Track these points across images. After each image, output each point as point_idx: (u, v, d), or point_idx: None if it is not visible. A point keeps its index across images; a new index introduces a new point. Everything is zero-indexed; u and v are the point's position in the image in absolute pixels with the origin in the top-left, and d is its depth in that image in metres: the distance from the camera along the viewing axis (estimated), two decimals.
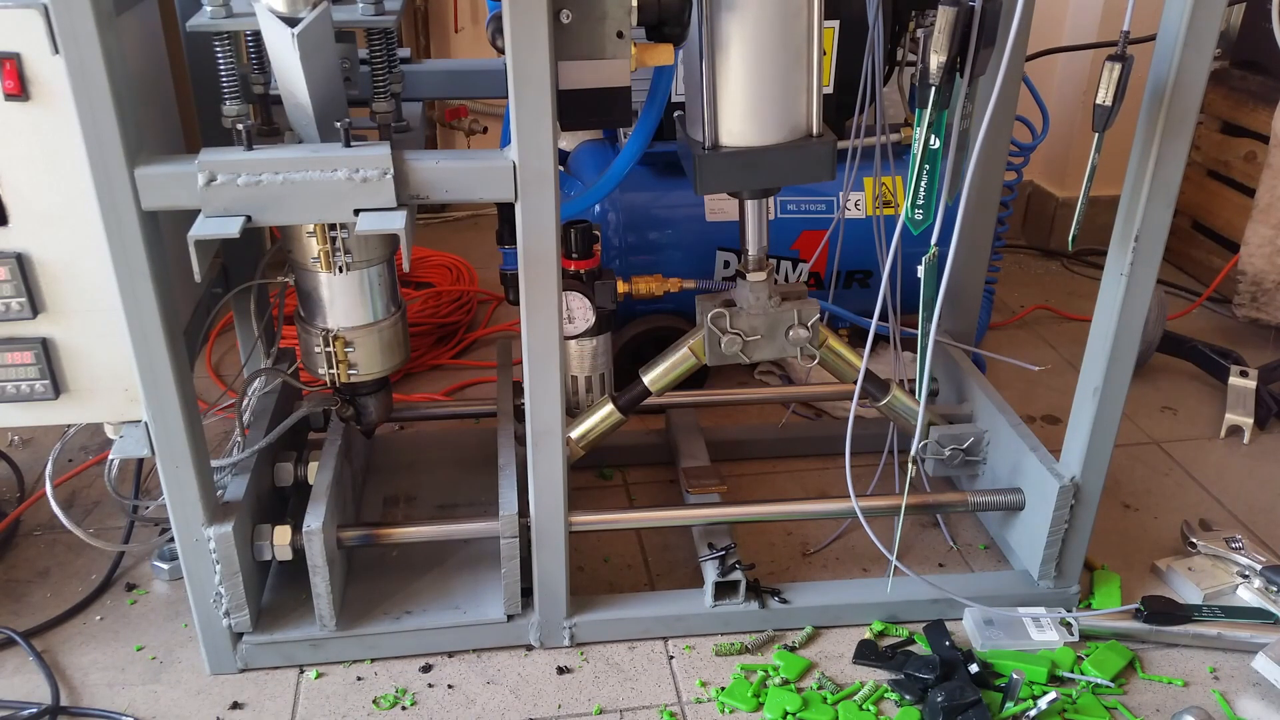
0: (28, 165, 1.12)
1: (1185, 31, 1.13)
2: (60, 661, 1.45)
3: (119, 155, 1.09)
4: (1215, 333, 2.45)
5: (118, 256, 1.14)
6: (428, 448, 1.86)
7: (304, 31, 1.13)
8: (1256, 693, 1.43)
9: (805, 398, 2.05)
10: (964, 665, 1.41)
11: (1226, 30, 2.63)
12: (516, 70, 1.12)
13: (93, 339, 1.21)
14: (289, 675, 1.43)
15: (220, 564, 1.33)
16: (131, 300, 1.16)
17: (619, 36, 1.18)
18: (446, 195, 1.18)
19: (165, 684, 1.42)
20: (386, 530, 1.47)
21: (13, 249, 1.15)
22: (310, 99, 1.19)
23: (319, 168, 1.14)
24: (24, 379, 1.22)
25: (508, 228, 1.28)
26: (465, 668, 1.45)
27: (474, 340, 2.41)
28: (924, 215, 1.21)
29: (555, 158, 1.17)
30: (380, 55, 1.33)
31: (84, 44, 1.03)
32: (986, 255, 1.83)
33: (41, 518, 1.74)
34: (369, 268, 1.36)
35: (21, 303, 1.17)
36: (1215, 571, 1.62)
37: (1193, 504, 1.84)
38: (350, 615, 1.46)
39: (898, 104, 2.09)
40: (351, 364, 1.41)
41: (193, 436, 1.26)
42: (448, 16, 2.99)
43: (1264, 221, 2.27)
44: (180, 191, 1.13)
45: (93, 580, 1.60)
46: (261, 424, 1.54)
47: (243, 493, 1.38)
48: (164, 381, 1.21)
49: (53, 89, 1.08)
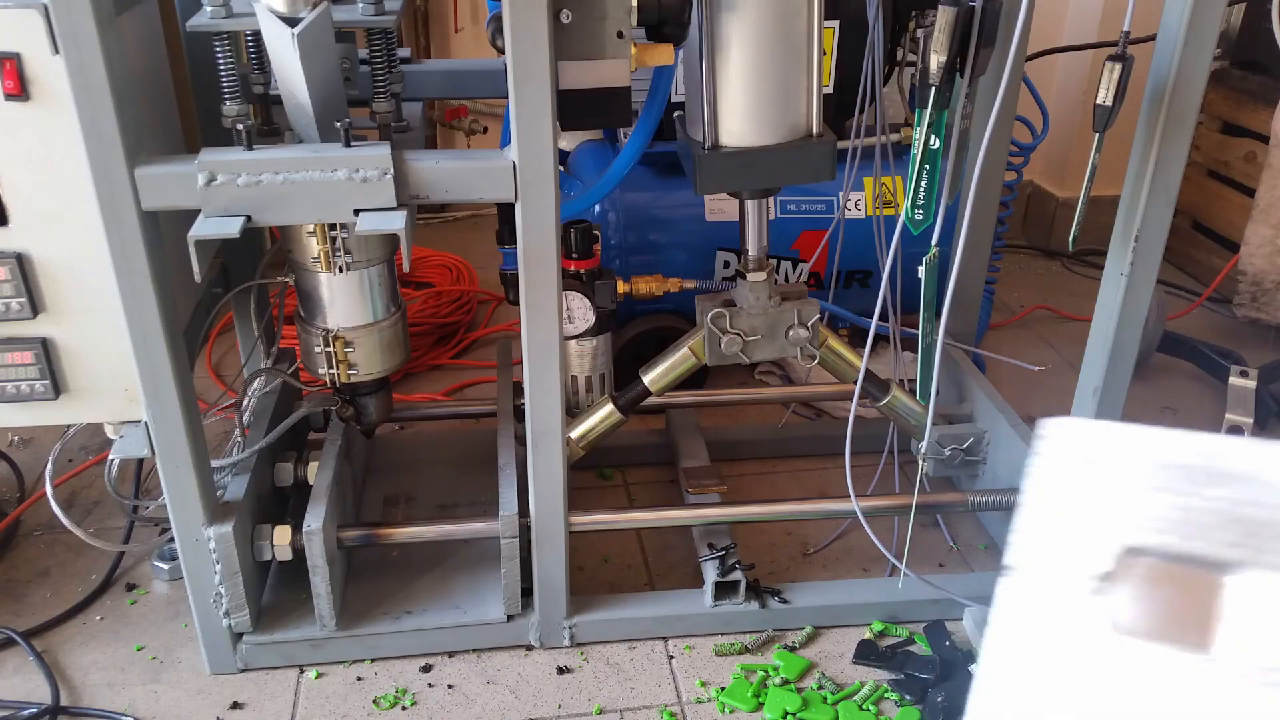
0: (28, 165, 1.12)
1: (1185, 31, 1.13)
2: (60, 661, 1.45)
3: (119, 155, 1.09)
4: (1215, 333, 2.45)
5: (118, 256, 1.14)
6: (428, 448, 1.86)
7: (304, 31, 1.13)
8: None
9: (805, 398, 2.05)
10: (964, 665, 1.41)
11: (1226, 30, 2.62)
12: (516, 70, 1.12)
13: (93, 339, 1.21)
14: (289, 675, 1.43)
15: (220, 564, 1.33)
16: (131, 300, 1.16)
17: (619, 36, 1.18)
18: (446, 195, 1.18)
19: (165, 684, 1.42)
20: (386, 530, 1.47)
21: (13, 249, 1.15)
22: (310, 99, 1.19)
23: (319, 168, 1.14)
24: (24, 379, 1.21)
25: (508, 228, 1.28)
26: (465, 668, 1.45)
27: (474, 340, 2.41)
28: (924, 215, 1.21)
29: (555, 158, 1.17)
30: (380, 55, 1.33)
31: (84, 44, 1.03)
32: (986, 255, 1.83)
33: (42, 518, 1.74)
34: (369, 268, 1.36)
35: (21, 303, 1.17)
36: None
37: None
38: (350, 615, 1.45)
39: (898, 104, 2.09)
40: (351, 364, 1.41)
41: (193, 436, 1.26)
42: (448, 16, 2.99)
43: (1264, 221, 2.27)
44: (180, 191, 1.13)
45: (93, 580, 1.60)
46: (261, 424, 1.54)
47: (243, 493, 1.38)
48: (164, 381, 1.21)
49: (53, 89, 1.08)
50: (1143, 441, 0.36)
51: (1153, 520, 0.34)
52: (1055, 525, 0.35)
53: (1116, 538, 0.34)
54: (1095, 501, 0.35)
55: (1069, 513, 0.35)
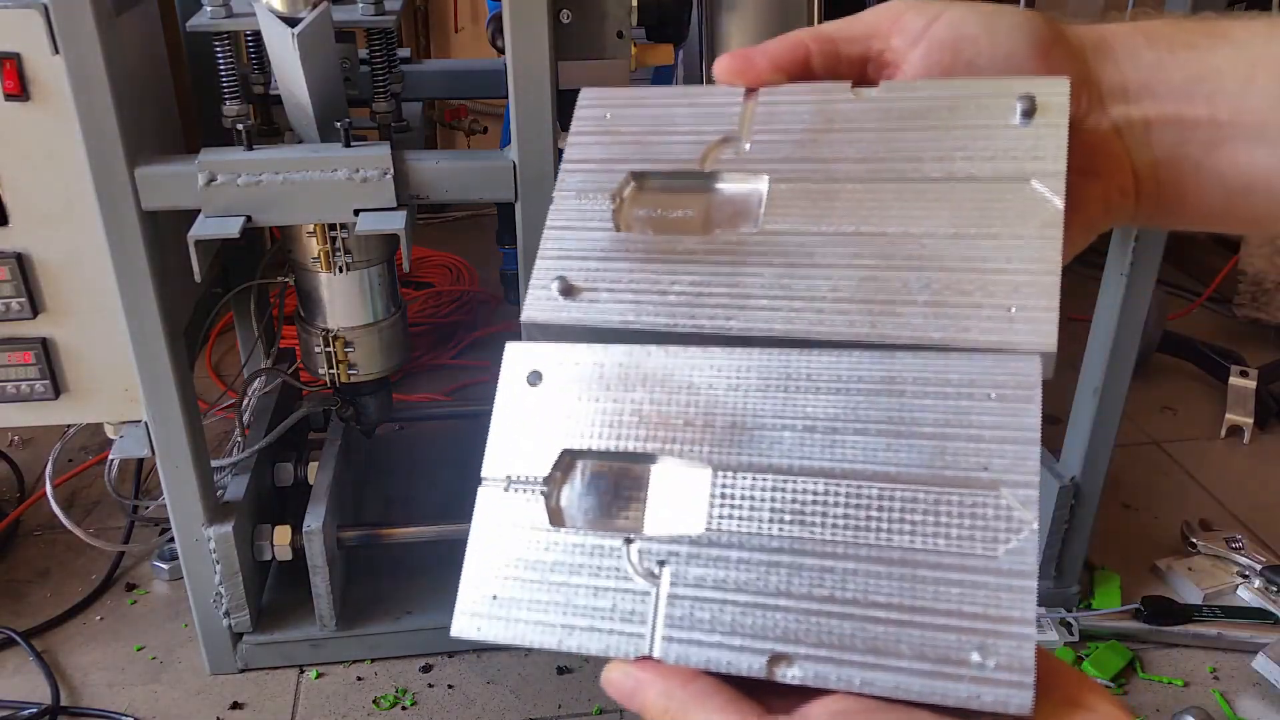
0: (28, 165, 1.12)
1: None
2: (60, 661, 1.45)
3: (119, 155, 1.09)
4: (1215, 332, 2.45)
5: (118, 256, 1.14)
6: (428, 448, 1.86)
7: (304, 31, 1.13)
8: (1256, 693, 1.43)
9: None
10: None
11: None
12: (516, 70, 1.11)
13: (93, 339, 1.21)
14: (289, 675, 1.43)
15: (220, 564, 1.33)
16: (132, 300, 1.16)
17: (619, 36, 1.17)
18: (446, 195, 1.18)
19: (165, 684, 1.42)
20: (386, 530, 1.47)
21: (13, 249, 1.15)
22: (310, 99, 1.19)
23: (319, 168, 1.14)
24: (24, 379, 1.21)
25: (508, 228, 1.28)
26: (465, 667, 1.45)
27: (474, 340, 2.41)
28: None
29: (555, 158, 1.17)
30: (380, 55, 1.33)
31: (84, 44, 1.03)
32: None
33: (42, 518, 1.74)
34: (369, 268, 1.36)
35: (22, 303, 1.17)
36: (1215, 571, 1.62)
37: (1193, 504, 1.83)
38: (350, 615, 1.45)
39: None
40: (351, 364, 1.41)
41: (193, 436, 1.26)
42: (448, 16, 2.99)
43: None
44: (180, 191, 1.13)
45: (93, 580, 1.60)
46: (261, 424, 1.53)
47: (243, 493, 1.38)
48: (164, 381, 1.21)
49: (53, 89, 1.08)
50: (578, 358, 0.44)
51: (586, 426, 0.42)
52: (509, 439, 0.43)
53: (557, 444, 0.42)
54: (540, 415, 0.43)
55: (520, 427, 0.43)
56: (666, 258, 0.45)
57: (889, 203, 0.43)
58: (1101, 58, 0.45)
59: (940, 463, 0.38)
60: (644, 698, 0.38)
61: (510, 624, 0.41)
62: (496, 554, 0.42)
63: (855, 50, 0.47)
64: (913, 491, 0.37)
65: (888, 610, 0.36)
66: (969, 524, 0.36)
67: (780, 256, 0.43)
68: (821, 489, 0.38)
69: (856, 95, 0.45)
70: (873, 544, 0.37)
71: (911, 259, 0.41)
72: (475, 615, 0.42)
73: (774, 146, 0.46)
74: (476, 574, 0.42)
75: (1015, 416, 0.38)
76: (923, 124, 0.44)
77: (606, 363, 0.43)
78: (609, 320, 0.44)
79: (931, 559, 0.36)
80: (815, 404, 0.40)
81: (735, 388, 0.41)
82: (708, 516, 0.39)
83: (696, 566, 0.39)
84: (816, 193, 0.44)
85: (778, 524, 0.38)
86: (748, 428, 0.40)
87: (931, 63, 0.45)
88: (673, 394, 0.42)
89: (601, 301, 0.45)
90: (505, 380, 0.45)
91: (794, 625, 0.37)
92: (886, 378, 0.39)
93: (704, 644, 0.38)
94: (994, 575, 0.35)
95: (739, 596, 0.38)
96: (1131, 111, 0.44)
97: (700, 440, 0.41)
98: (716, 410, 0.41)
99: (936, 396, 0.39)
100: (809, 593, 0.37)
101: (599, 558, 0.40)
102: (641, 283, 0.45)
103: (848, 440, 0.39)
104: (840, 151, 0.45)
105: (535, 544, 0.41)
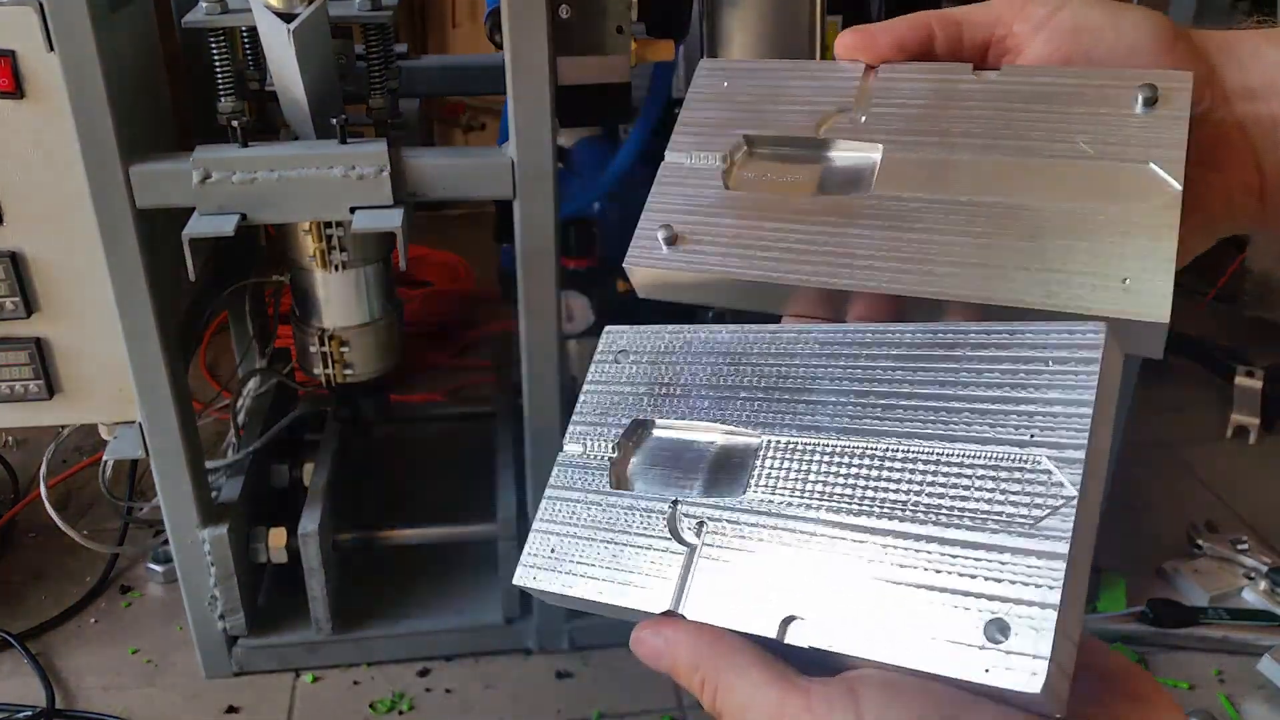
0: (22, 163, 1.10)
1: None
2: (55, 664, 1.44)
3: (113, 153, 1.07)
4: (1222, 331, 2.43)
5: (112, 255, 1.12)
6: (426, 448, 1.85)
7: (300, 27, 1.12)
8: (1262, 695, 1.41)
9: None
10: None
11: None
12: (515, 66, 1.10)
13: (87, 339, 1.20)
14: (285, 679, 1.42)
15: (215, 566, 1.32)
16: (126, 299, 1.15)
17: (619, 32, 1.16)
18: (444, 193, 1.16)
19: (160, 687, 1.40)
20: (384, 532, 1.46)
21: (7, 248, 1.14)
22: (306, 95, 1.18)
23: (315, 165, 1.12)
24: (18, 379, 1.20)
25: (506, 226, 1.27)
26: (463, 672, 1.43)
27: (473, 340, 2.40)
28: None
29: (554, 155, 1.15)
30: (377, 51, 1.31)
31: (79, 41, 1.02)
32: None
33: (36, 519, 1.73)
34: (365, 266, 1.34)
35: (15, 302, 1.16)
36: (1221, 573, 1.61)
37: (1198, 505, 1.82)
38: (347, 618, 1.44)
39: None
40: (348, 364, 1.40)
41: (187, 437, 1.24)
42: (445, 12, 2.98)
43: None
44: (175, 189, 1.11)
45: (87, 582, 1.59)
46: (257, 425, 1.52)
47: (238, 494, 1.36)
48: (158, 382, 1.20)
49: (47, 86, 1.06)
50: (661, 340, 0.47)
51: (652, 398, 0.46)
52: (597, 407, 0.48)
53: (628, 415, 0.46)
54: (617, 388, 0.47)
55: (599, 401, 0.48)
56: (774, 214, 0.46)
57: (1006, 175, 0.43)
58: (1226, 56, 0.45)
59: (986, 432, 0.37)
60: (674, 657, 0.38)
61: (559, 576, 0.43)
62: (563, 514, 0.45)
63: (978, 34, 0.47)
64: (958, 459, 0.37)
65: (915, 579, 0.36)
66: (1007, 494, 0.36)
67: (892, 219, 0.44)
68: (864, 454, 0.39)
69: (978, 77, 0.46)
70: (908, 508, 0.37)
71: (1026, 229, 0.42)
72: (534, 568, 0.44)
73: (890, 119, 0.46)
74: (544, 531, 0.45)
75: (1070, 385, 0.37)
76: (1044, 107, 0.44)
77: (678, 341, 0.46)
78: (710, 268, 0.46)
79: (965, 528, 0.36)
80: (871, 370, 0.40)
81: (793, 355, 0.43)
82: (753, 481, 0.41)
83: (734, 529, 0.40)
84: (932, 163, 0.45)
85: (818, 489, 0.39)
86: (802, 392, 0.42)
87: (1052, 50, 0.45)
88: (738, 364, 0.44)
89: (705, 253, 0.46)
90: (596, 358, 0.49)
91: (819, 591, 0.37)
92: (948, 343, 0.40)
93: (728, 605, 0.39)
94: (1023, 551, 0.35)
95: (770, 559, 0.39)
96: (1259, 109, 0.44)
97: (756, 407, 0.42)
98: (775, 377, 0.43)
99: (992, 362, 0.39)
100: (840, 559, 0.37)
101: (647, 518, 0.42)
102: (747, 237, 0.46)
103: (899, 405, 0.39)
104: (958, 126, 0.45)
105: (597, 505, 0.44)
